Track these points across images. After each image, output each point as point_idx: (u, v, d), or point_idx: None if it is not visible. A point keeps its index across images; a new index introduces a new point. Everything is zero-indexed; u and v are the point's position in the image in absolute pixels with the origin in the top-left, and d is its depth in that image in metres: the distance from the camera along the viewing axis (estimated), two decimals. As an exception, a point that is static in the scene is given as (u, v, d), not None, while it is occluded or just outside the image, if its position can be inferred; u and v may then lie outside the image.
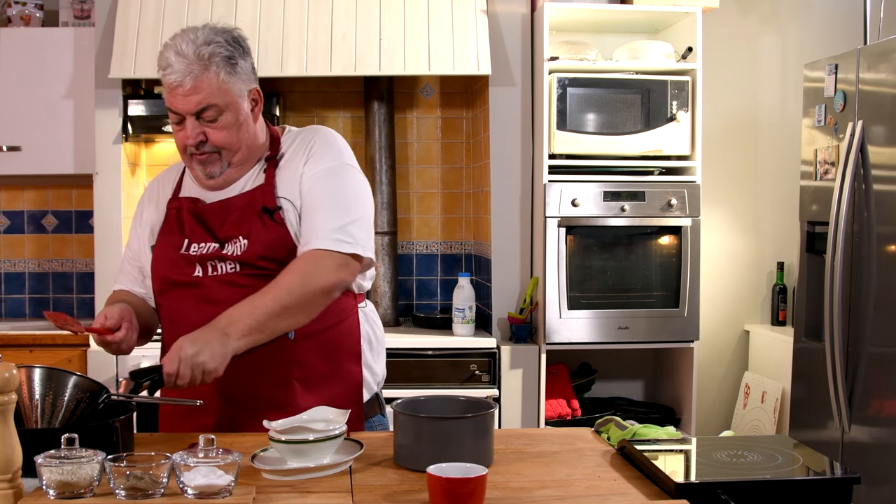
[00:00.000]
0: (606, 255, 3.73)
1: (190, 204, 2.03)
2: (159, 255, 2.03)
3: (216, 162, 1.98)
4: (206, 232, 1.99)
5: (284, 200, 1.97)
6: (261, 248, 1.93)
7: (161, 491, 1.42)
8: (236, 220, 1.97)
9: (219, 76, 1.92)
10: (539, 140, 3.69)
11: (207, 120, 1.94)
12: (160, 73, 1.95)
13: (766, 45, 4.32)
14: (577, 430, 2.03)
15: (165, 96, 1.95)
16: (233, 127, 1.96)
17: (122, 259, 2.19)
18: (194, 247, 1.98)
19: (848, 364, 3.17)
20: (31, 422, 1.70)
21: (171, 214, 2.05)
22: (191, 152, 1.97)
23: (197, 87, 1.90)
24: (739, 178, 4.31)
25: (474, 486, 1.42)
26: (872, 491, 3.00)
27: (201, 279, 1.96)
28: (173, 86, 1.91)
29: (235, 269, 1.94)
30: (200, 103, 1.92)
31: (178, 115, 1.95)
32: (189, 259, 1.97)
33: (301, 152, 2.03)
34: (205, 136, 1.95)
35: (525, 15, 3.80)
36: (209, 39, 1.93)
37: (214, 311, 1.85)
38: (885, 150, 3.04)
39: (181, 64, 1.90)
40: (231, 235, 1.96)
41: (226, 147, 1.97)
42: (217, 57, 1.92)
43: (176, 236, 2.02)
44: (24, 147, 3.75)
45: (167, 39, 1.98)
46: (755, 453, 1.73)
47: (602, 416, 2.37)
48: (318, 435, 1.63)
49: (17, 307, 4.14)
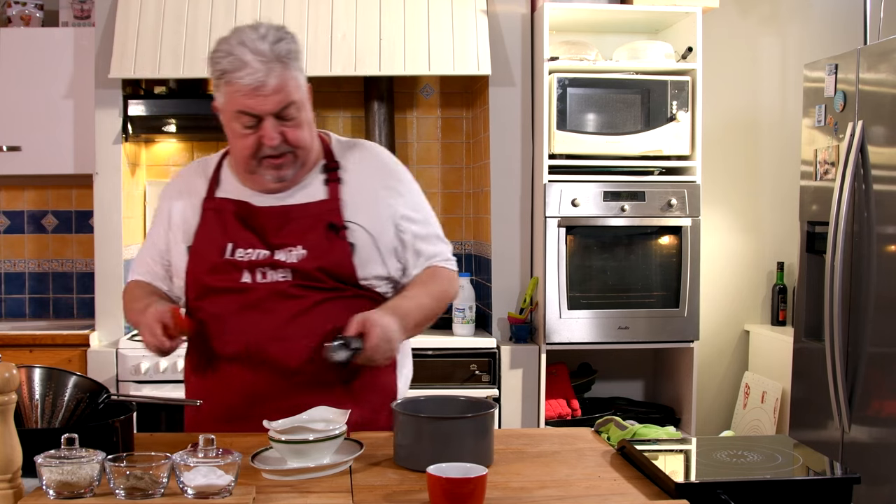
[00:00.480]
0: (606, 255, 3.73)
1: (234, 206, 1.96)
2: (198, 258, 1.96)
3: (290, 164, 1.93)
4: (255, 236, 1.94)
5: (354, 225, 1.96)
6: (320, 261, 1.91)
7: (161, 491, 1.42)
8: (297, 230, 1.93)
9: (295, 73, 1.89)
10: (539, 140, 3.69)
11: (287, 119, 1.89)
12: (227, 75, 1.85)
13: (766, 45, 4.32)
14: (577, 430, 2.03)
15: (237, 99, 1.85)
16: (306, 124, 1.93)
17: (142, 252, 2.11)
18: (240, 251, 1.93)
19: (848, 364, 3.17)
20: (31, 422, 1.70)
21: (210, 216, 1.98)
22: (265, 155, 1.90)
23: (280, 85, 1.85)
24: (739, 178, 4.31)
25: (474, 486, 1.42)
26: (872, 491, 3.00)
27: (250, 286, 1.91)
28: (252, 86, 1.83)
29: (287, 278, 1.91)
30: (282, 102, 1.86)
31: (252, 118, 1.87)
32: (236, 264, 1.92)
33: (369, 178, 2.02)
34: (283, 136, 1.89)
35: (525, 15, 3.80)
36: (279, 36, 1.88)
37: (265, 319, 1.88)
38: (885, 150, 3.04)
39: (260, 63, 1.83)
40: (286, 243, 1.93)
41: (303, 146, 1.93)
42: (292, 52, 1.89)
43: (218, 239, 1.95)
44: (24, 147, 3.75)
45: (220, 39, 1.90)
46: (755, 453, 1.73)
47: (602, 416, 2.37)
48: (318, 435, 1.63)
49: (17, 307, 4.14)
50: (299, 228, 1.93)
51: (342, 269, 1.94)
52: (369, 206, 1.99)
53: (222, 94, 1.89)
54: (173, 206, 2.05)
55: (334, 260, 1.93)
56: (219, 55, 1.87)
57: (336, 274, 1.93)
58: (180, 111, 3.74)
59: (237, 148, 1.93)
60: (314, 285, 1.92)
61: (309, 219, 1.94)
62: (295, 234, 1.93)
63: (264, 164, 1.92)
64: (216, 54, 1.88)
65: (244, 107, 1.85)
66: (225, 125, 1.94)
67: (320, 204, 1.96)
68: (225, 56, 1.85)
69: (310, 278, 1.92)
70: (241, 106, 1.86)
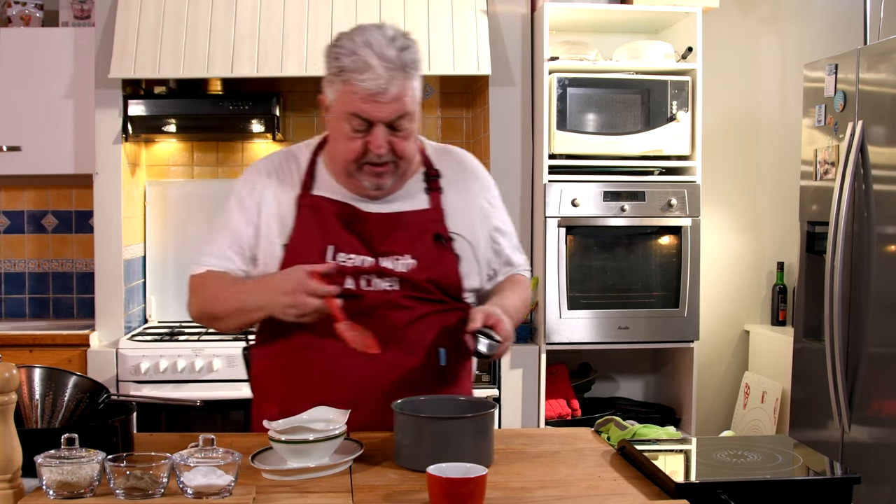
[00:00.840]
0: (606, 255, 3.73)
1: (336, 207, 1.90)
2: (296, 258, 1.87)
3: (391, 174, 1.87)
4: (359, 242, 1.88)
5: (458, 236, 1.94)
6: (431, 272, 1.88)
7: (161, 491, 1.42)
8: (404, 238, 1.89)
9: (415, 84, 1.83)
10: (539, 140, 3.69)
11: (398, 129, 1.82)
12: (347, 74, 1.78)
13: (766, 45, 4.32)
14: (577, 430, 2.03)
15: (353, 101, 1.78)
16: (413, 136, 1.87)
17: (218, 241, 1.96)
18: (342, 255, 1.87)
19: (848, 364, 3.17)
20: (31, 422, 1.69)
21: (306, 213, 1.90)
22: (367, 161, 1.84)
23: (399, 94, 1.78)
24: (739, 178, 4.31)
25: (474, 486, 1.42)
26: (872, 491, 3.00)
27: (355, 292, 1.86)
28: (372, 92, 1.76)
29: (395, 287, 1.87)
30: (398, 112, 1.80)
31: (364, 122, 1.80)
32: (340, 269, 1.86)
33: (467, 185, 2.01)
34: (391, 146, 1.83)
35: (525, 15, 3.80)
36: (406, 44, 1.81)
37: (376, 327, 1.80)
38: (885, 150, 3.04)
39: (385, 70, 1.76)
40: (393, 251, 1.88)
41: (406, 157, 1.87)
42: (417, 63, 1.83)
43: (317, 240, 1.88)
44: (24, 147, 3.75)
45: (342, 35, 1.82)
46: (755, 453, 1.73)
47: (602, 416, 2.37)
48: (318, 435, 1.63)
49: (17, 307, 4.13)
50: (406, 237, 1.89)
51: (451, 280, 1.92)
52: (468, 217, 1.98)
53: (335, 92, 1.82)
54: (264, 196, 1.95)
55: (444, 271, 1.91)
56: (341, 51, 1.80)
57: (445, 286, 1.91)
58: (180, 111, 3.74)
59: (340, 149, 1.86)
60: (423, 297, 1.89)
61: (416, 228, 1.91)
62: (402, 243, 1.89)
63: (365, 170, 1.86)
64: (337, 49, 1.80)
65: (359, 110, 1.79)
66: (331, 123, 1.88)
67: (424, 213, 1.93)
68: (348, 54, 1.78)
69: (419, 289, 1.89)
70: (355, 109, 1.79)
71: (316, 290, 1.73)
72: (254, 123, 3.77)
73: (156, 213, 4.04)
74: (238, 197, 1.98)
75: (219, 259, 1.95)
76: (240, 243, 1.95)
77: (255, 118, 3.75)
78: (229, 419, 3.48)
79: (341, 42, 1.81)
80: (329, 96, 1.86)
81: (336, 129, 1.87)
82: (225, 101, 3.72)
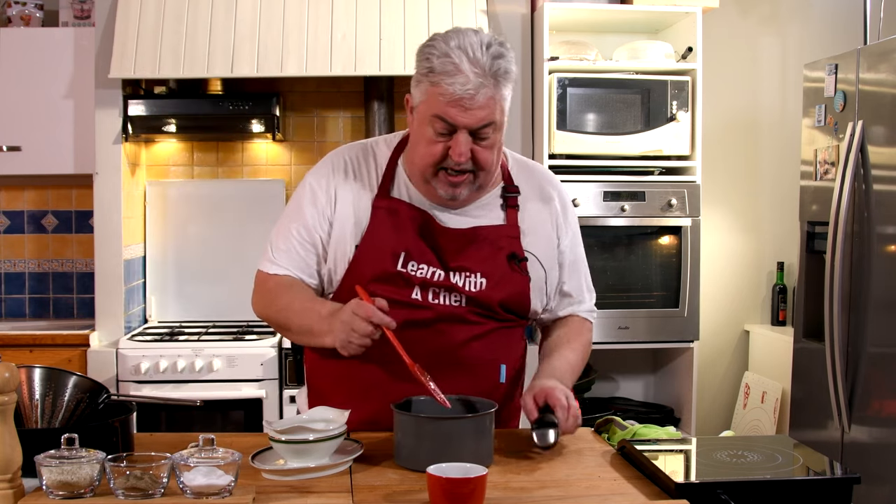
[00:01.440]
0: (606, 255, 3.73)
1: (414, 213, 1.86)
2: (367, 262, 1.84)
3: (468, 184, 1.82)
4: (432, 253, 1.85)
5: (532, 256, 1.91)
6: (504, 294, 1.85)
7: (161, 491, 1.42)
8: (477, 255, 1.86)
9: (505, 94, 1.77)
10: (539, 140, 3.69)
11: (482, 138, 1.77)
12: (436, 76, 1.74)
13: (766, 45, 4.32)
14: (577, 430, 2.03)
15: (439, 104, 1.74)
16: (496, 147, 1.82)
17: (289, 240, 1.90)
18: (413, 265, 1.84)
19: (848, 364, 3.17)
20: (31, 422, 1.69)
21: (382, 216, 1.86)
22: (446, 168, 1.79)
23: (487, 102, 1.74)
24: (739, 178, 4.31)
25: (474, 486, 1.42)
26: (872, 491, 3.00)
27: (421, 303, 1.83)
28: (459, 96, 1.72)
29: (461, 304, 1.85)
30: (483, 120, 1.75)
31: (448, 126, 1.76)
32: (409, 279, 1.83)
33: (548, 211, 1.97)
34: (472, 154, 1.78)
35: (525, 15, 3.80)
36: (500, 52, 1.76)
37: (439, 340, 1.82)
38: (885, 150, 3.04)
39: (475, 75, 1.72)
40: (464, 267, 1.85)
41: (486, 168, 1.81)
42: (509, 73, 1.77)
43: (391, 245, 1.84)
44: (24, 147, 3.75)
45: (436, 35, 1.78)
46: (755, 453, 1.73)
47: (602, 416, 2.37)
48: (318, 435, 1.63)
49: (17, 307, 4.13)
50: (480, 254, 1.86)
51: (520, 302, 1.90)
52: (543, 239, 1.95)
53: (422, 93, 1.78)
54: (340, 194, 1.89)
55: (513, 292, 1.88)
56: (432, 52, 1.75)
57: (512, 307, 1.88)
58: (180, 111, 3.74)
59: (420, 153, 1.82)
60: (489, 314, 1.88)
61: (490, 245, 1.87)
62: (475, 260, 1.86)
63: (441, 177, 1.81)
64: (429, 49, 1.76)
65: (444, 114, 1.75)
66: (414, 124, 1.84)
67: (500, 229, 1.89)
68: (439, 55, 1.74)
69: (485, 308, 1.86)
70: (440, 112, 1.75)
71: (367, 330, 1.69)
72: (254, 123, 3.77)
73: (156, 213, 4.04)
74: (312, 191, 1.92)
75: (290, 262, 1.90)
76: (313, 240, 1.90)
77: (255, 118, 3.75)
78: (229, 419, 3.49)
79: (434, 43, 1.77)
80: (415, 97, 1.82)
81: (418, 132, 1.82)
82: (225, 101, 3.73)
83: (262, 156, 4.13)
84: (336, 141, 4.12)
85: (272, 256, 1.92)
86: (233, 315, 3.95)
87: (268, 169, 4.12)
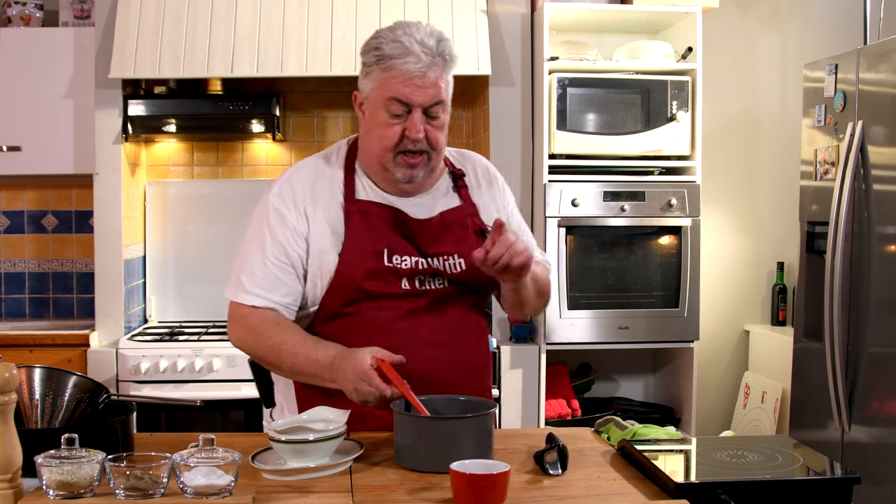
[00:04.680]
0: (606, 255, 3.73)
1: (384, 211, 1.94)
2: (353, 263, 1.90)
3: (423, 165, 1.92)
4: (409, 244, 1.93)
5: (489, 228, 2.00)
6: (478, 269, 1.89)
7: (161, 491, 1.42)
8: (450, 238, 1.96)
9: (449, 76, 1.91)
10: (539, 140, 3.69)
11: (431, 117, 1.89)
12: (388, 60, 1.85)
13: (766, 45, 4.32)
14: (577, 430, 2.03)
15: (393, 85, 1.85)
16: (444, 128, 1.94)
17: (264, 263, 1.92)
18: (397, 258, 1.92)
19: (848, 364, 3.17)
20: (31, 422, 1.70)
21: (357, 218, 1.92)
22: (403, 150, 1.89)
23: (436, 81, 1.86)
24: (739, 178, 4.31)
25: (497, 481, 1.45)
26: (872, 491, 3.00)
27: (411, 292, 1.92)
28: (412, 75, 1.84)
29: (444, 285, 1.95)
30: (435, 97, 1.87)
31: (404, 107, 1.86)
32: (397, 271, 1.91)
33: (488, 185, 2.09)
34: (426, 134, 1.89)
35: (525, 15, 3.80)
36: (443, 37, 1.90)
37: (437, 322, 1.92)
38: (885, 150, 3.04)
39: (425, 55, 1.85)
40: (442, 252, 1.95)
41: (437, 148, 1.92)
42: (454, 57, 1.91)
43: (371, 244, 1.91)
44: (24, 147, 3.75)
45: (379, 30, 1.91)
46: (755, 453, 1.73)
47: (602, 416, 2.37)
48: (318, 435, 1.63)
49: (17, 307, 4.14)
50: (452, 237, 1.97)
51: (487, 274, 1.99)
52: (494, 212, 2.05)
53: (373, 81, 1.88)
54: (308, 208, 1.94)
55: None
56: (380, 41, 1.87)
57: (488, 280, 1.94)
58: (180, 111, 3.74)
59: (377, 138, 1.91)
60: (472, 290, 2.00)
61: (458, 226, 1.98)
62: (450, 243, 1.96)
63: (399, 161, 1.90)
64: (376, 40, 1.88)
65: (399, 94, 1.85)
66: (366, 115, 1.93)
67: (461, 209, 2.01)
68: (388, 42, 1.86)
69: (469, 287, 1.98)
70: (395, 93, 1.85)
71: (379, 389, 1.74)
72: (254, 123, 3.77)
73: (156, 213, 4.04)
74: (278, 212, 1.94)
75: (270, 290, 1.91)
76: (291, 260, 1.92)
77: (255, 118, 3.75)
78: (229, 419, 3.49)
79: (380, 34, 1.89)
80: (365, 88, 1.91)
81: (372, 120, 1.91)
82: (225, 101, 3.72)
83: (262, 156, 4.13)
84: (336, 141, 4.11)
85: (247, 287, 1.92)
86: (233, 315, 3.94)
87: (268, 169, 4.12)
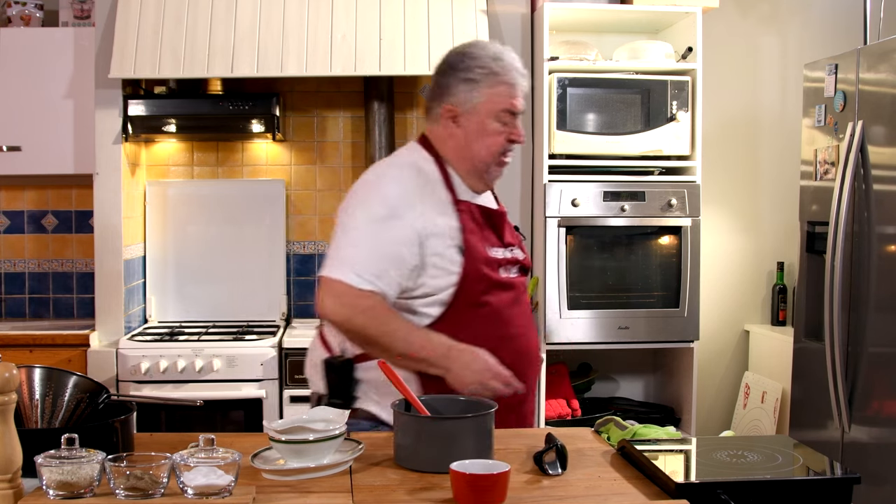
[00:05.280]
0: (606, 255, 3.73)
1: (477, 209, 2.11)
2: (477, 256, 2.05)
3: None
4: (496, 237, 2.12)
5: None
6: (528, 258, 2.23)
7: (161, 491, 1.42)
8: (511, 231, 2.19)
9: None
10: (539, 140, 3.69)
11: None
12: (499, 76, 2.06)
13: (766, 45, 4.32)
14: (577, 430, 2.03)
15: (505, 99, 2.07)
16: None
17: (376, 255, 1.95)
18: (494, 251, 2.10)
19: (848, 364, 3.17)
20: (31, 422, 1.70)
21: (466, 217, 2.07)
22: (506, 150, 2.11)
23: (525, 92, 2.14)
24: (739, 178, 4.31)
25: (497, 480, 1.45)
26: (872, 491, 3.00)
27: (507, 280, 2.11)
28: (519, 87, 2.09)
29: (518, 275, 2.17)
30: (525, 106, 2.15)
31: (512, 116, 2.09)
32: (498, 262, 2.10)
33: None
34: None
35: (525, 15, 3.80)
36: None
37: (525, 309, 2.16)
38: (885, 150, 3.04)
39: (522, 71, 2.11)
40: (511, 243, 2.17)
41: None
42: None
43: (481, 239, 2.08)
44: (24, 147, 3.75)
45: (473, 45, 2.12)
46: (755, 453, 1.73)
47: (602, 416, 2.37)
48: (318, 435, 1.63)
49: (17, 307, 4.13)
50: (510, 229, 2.20)
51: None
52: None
53: (482, 95, 2.07)
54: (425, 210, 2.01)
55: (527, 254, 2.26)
56: (485, 60, 2.07)
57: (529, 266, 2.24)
58: (180, 111, 3.74)
59: (487, 145, 2.09)
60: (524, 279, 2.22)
61: (507, 221, 2.20)
62: (511, 235, 2.19)
63: (499, 162, 2.12)
64: (475, 61, 2.07)
65: (511, 106, 2.08)
66: (468, 124, 2.09)
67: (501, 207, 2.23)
68: (493, 59, 2.07)
69: (526, 272, 2.22)
70: (508, 105, 2.08)
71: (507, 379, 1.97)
72: (254, 123, 3.77)
73: (156, 213, 4.04)
74: (391, 206, 1.99)
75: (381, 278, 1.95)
76: (400, 255, 1.97)
77: (255, 118, 3.75)
78: (229, 419, 3.49)
79: (478, 52, 2.09)
80: (467, 100, 2.08)
81: (479, 129, 2.08)
82: (225, 101, 3.72)
83: (262, 156, 4.13)
84: (336, 141, 4.12)
85: (360, 271, 1.94)
86: (233, 315, 3.95)
87: (268, 169, 4.12)
